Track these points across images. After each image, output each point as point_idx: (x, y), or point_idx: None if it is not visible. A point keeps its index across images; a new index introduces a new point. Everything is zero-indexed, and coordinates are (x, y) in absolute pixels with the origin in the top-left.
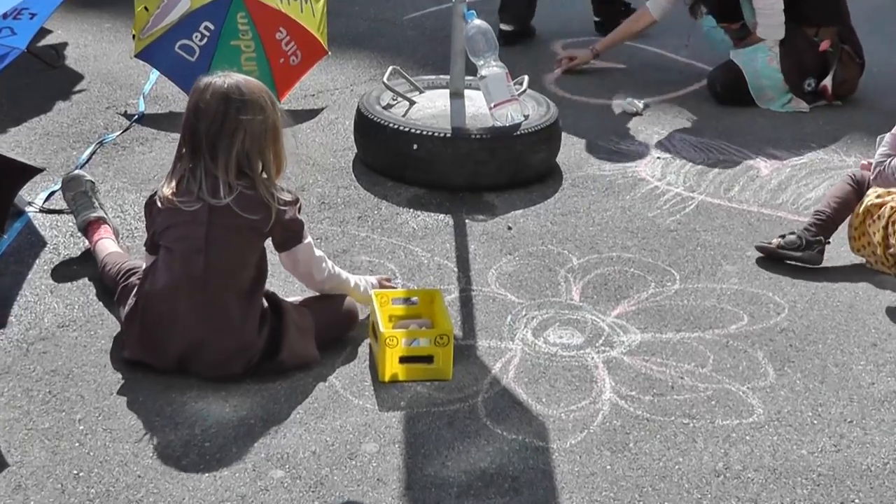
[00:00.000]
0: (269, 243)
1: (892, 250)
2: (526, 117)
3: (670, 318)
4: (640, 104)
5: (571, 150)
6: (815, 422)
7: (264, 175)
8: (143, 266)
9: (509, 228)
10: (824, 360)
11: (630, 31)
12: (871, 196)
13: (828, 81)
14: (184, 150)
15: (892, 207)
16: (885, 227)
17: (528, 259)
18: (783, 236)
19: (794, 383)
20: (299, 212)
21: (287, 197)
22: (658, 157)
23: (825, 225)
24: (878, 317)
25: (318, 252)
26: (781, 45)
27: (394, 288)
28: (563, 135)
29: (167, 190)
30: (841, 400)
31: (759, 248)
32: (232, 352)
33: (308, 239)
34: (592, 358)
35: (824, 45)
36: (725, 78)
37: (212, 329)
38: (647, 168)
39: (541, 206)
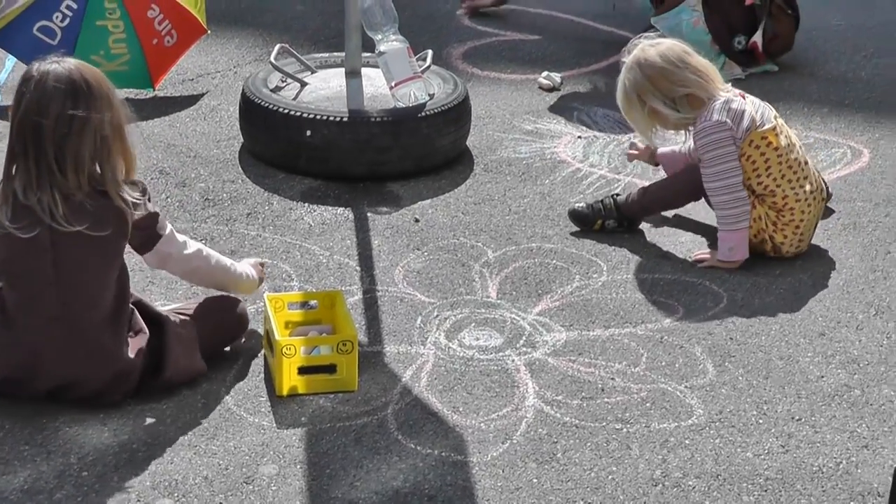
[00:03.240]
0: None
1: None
2: (431, 96)
3: (598, 314)
4: (557, 78)
5: (483, 132)
6: (761, 421)
7: (114, 179)
8: None
9: (416, 221)
10: (768, 354)
11: None
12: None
13: (757, 37)
14: (17, 158)
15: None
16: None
17: (439, 254)
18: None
19: (737, 380)
20: (149, 200)
21: (136, 193)
22: (579, 137)
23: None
24: (826, 304)
25: (180, 237)
26: (705, 3)
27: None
28: (473, 115)
29: None
30: (788, 396)
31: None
32: (109, 381)
33: (168, 228)
34: (513, 360)
35: None
36: None
37: (83, 364)
38: (567, 149)
39: (450, 195)
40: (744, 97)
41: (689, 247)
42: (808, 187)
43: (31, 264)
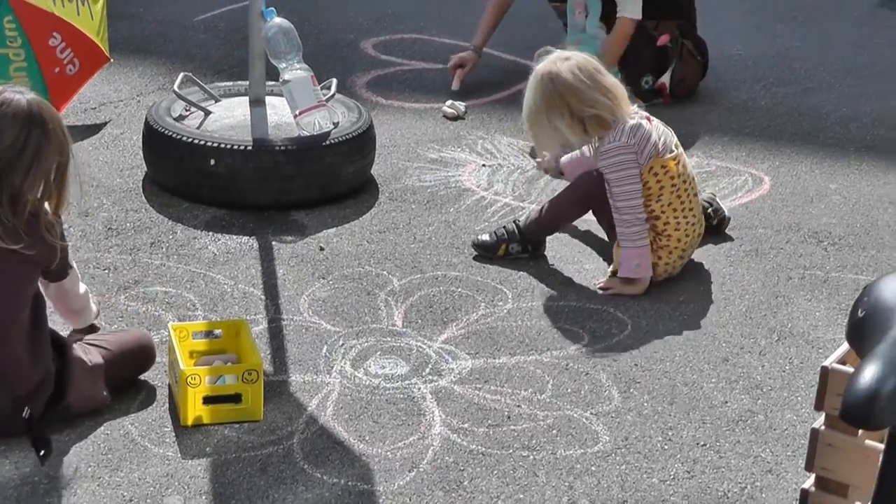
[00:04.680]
0: None
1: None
2: (335, 125)
3: (503, 341)
4: (461, 107)
5: (387, 161)
6: (666, 447)
7: (47, 214)
8: None
9: (321, 249)
10: (673, 380)
11: (496, 17)
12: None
13: (665, 79)
14: None
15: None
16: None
17: (344, 282)
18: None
19: (642, 406)
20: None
21: (60, 227)
22: (483, 165)
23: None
24: (729, 329)
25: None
26: None
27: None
28: (378, 143)
29: None
30: (692, 422)
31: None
32: (23, 397)
33: (74, 264)
34: (419, 388)
35: (663, 40)
36: None
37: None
38: (471, 177)
39: (356, 224)
40: (650, 120)
41: (594, 274)
42: (690, 219)
43: None
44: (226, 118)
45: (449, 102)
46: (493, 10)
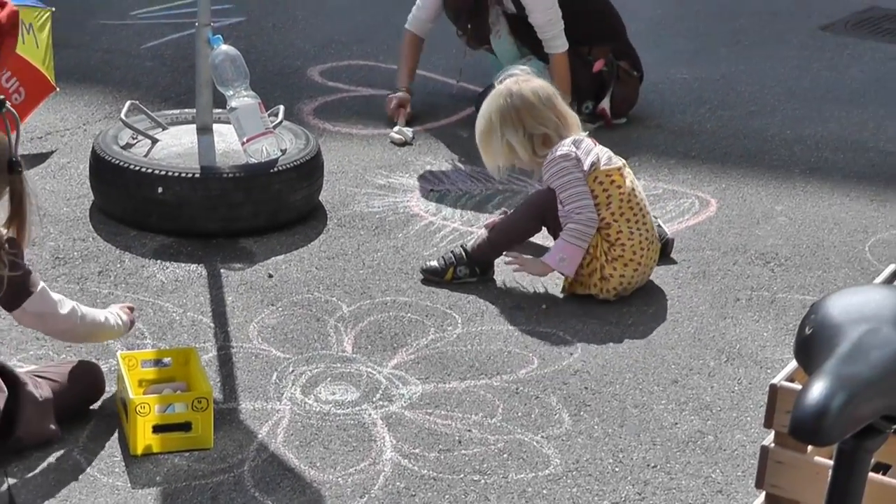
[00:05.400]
0: None
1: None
2: (283, 152)
3: (453, 366)
4: (409, 133)
5: (336, 187)
6: (617, 469)
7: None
8: None
9: (270, 276)
10: (623, 402)
11: (413, 59)
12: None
13: (605, 104)
14: None
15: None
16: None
17: (293, 309)
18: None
19: (592, 429)
20: (22, 257)
21: (13, 251)
22: (431, 190)
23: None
24: (677, 351)
25: (55, 296)
26: (553, 67)
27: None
28: (326, 170)
29: None
30: (643, 444)
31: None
32: None
33: (40, 286)
34: (370, 414)
35: (598, 66)
36: None
37: None
38: (420, 203)
39: (304, 250)
40: (595, 143)
41: (543, 298)
42: (644, 233)
43: None
44: (173, 146)
45: (396, 128)
46: (409, 51)
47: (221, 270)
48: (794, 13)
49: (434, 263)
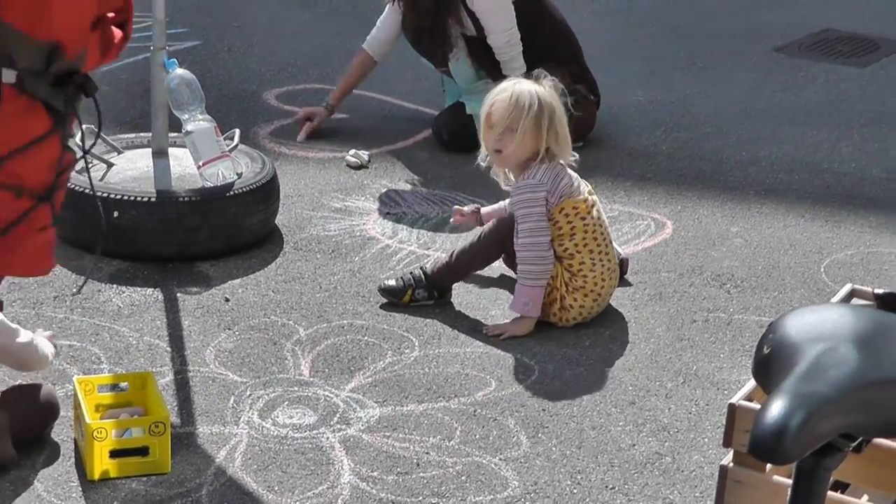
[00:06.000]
0: None
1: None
2: (239, 175)
3: (411, 389)
4: (365, 156)
5: (292, 210)
6: (575, 491)
7: None
8: None
9: (227, 300)
10: (580, 424)
11: (355, 78)
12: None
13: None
14: None
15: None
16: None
17: (250, 333)
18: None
19: (550, 451)
20: None
21: None
22: (388, 213)
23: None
24: (635, 373)
25: (12, 325)
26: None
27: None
28: (282, 193)
29: None
30: (601, 465)
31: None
32: None
33: (2, 317)
34: (328, 438)
35: None
36: (452, 125)
37: None
38: (376, 226)
39: (261, 274)
40: (567, 170)
41: (500, 320)
42: (606, 264)
43: None
44: (129, 170)
45: (352, 152)
46: (354, 69)
47: (178, 294)
48: (749, 35)
49: (392, 283)
